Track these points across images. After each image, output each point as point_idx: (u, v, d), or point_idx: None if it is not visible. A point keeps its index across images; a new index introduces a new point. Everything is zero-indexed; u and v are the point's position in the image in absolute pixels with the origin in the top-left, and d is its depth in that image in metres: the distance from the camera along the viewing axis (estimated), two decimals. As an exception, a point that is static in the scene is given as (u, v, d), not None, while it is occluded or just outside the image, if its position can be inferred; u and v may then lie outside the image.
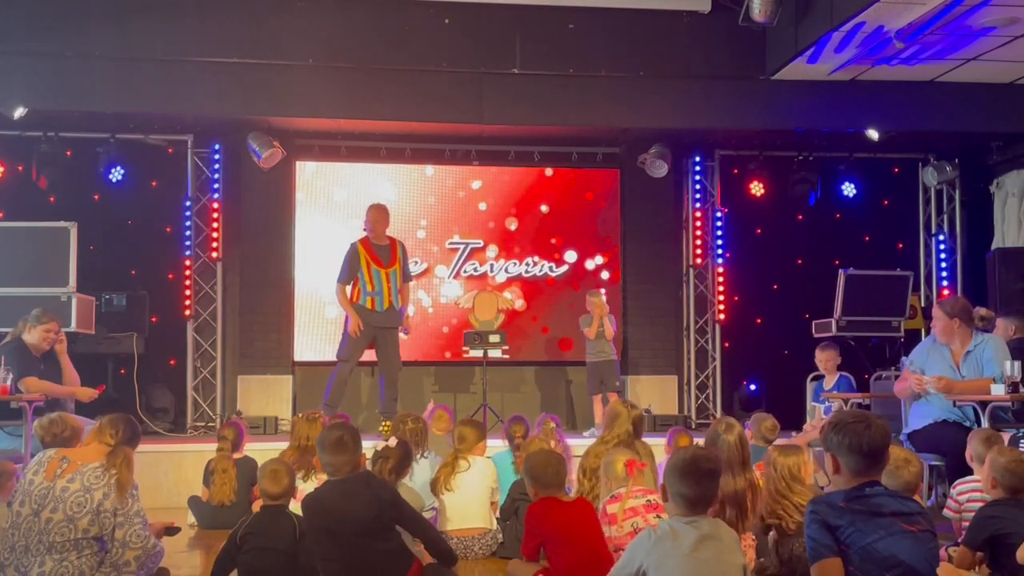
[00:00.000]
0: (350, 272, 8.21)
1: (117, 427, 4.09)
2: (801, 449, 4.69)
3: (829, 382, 8.28)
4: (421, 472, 5.80)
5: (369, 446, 4.68)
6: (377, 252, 8.23)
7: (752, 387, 10.41)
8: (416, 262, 10.01)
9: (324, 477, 4.91)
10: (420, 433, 5.97)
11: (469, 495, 5.36)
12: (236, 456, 6.33)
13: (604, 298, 9.01)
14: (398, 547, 4.00)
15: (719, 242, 10.39)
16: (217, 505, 6.14)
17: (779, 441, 6.63)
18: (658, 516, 4.27)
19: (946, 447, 6.03)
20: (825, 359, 8.32)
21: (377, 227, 8.29)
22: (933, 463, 6.44)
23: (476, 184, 10.20)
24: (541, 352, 10.22)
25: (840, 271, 9.23)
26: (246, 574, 4.09)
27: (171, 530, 4.43)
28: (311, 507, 3.96)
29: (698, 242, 10.30)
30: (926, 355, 6.48)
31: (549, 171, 10.29)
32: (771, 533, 4.42)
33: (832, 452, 3.12)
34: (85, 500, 3.81)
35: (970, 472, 4.92)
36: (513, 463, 5.76)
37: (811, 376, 8.71)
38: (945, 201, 10.78)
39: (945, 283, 10.61)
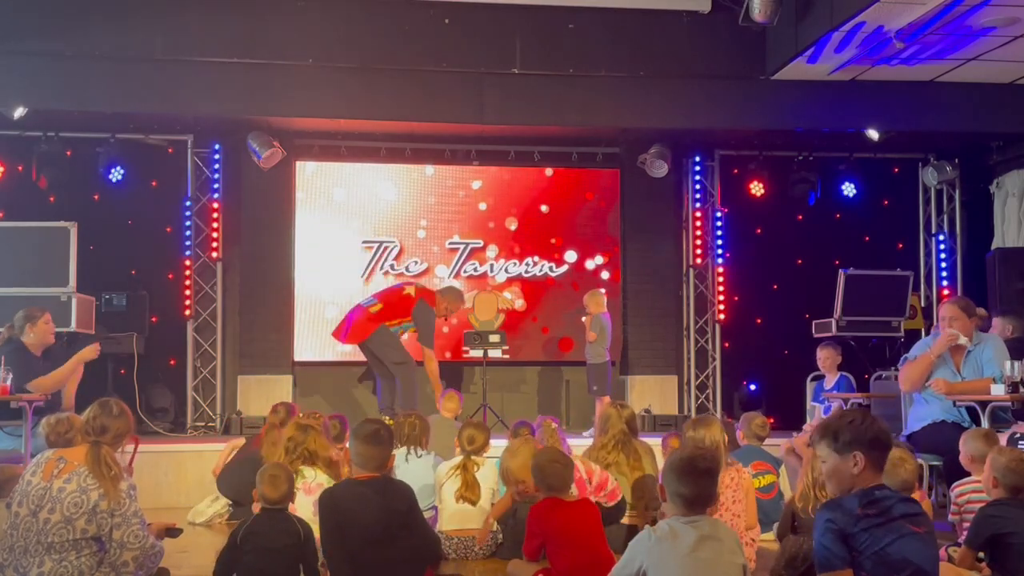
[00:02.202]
0: (432, 337, 8.53)
1: (88, 419, 3.99)
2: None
3: (830, 381, 8.28)
4: (421, 471, 5.80)
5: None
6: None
7: (752, 387, 10.41)
8: (416, 262, 10.04)
9: (324, 479, 4.95)
10: (421, 431, 5.98)
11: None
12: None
13: (602, 298, 8.98)
14: (408, 557, 3.99)
15: (719, 242, 10.38)
16: None
17: (779, 442, 6.65)
18: None
19: (944, 448, 6.02)
20: (825, 357, 8.32)
21: (452, 315, 8.96)
22: (933, 463, 6.43)
23: (476, 184, 10.20)
24: (541, 352, 10.22)
25: (840, 271, 9.23)
26: (247, 574, 4.08)
27: (172, 532, 4.40)
28: (326, 503, 3.98)
29: (698, 242, 10.30)
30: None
31: (549, 171, 10.29)
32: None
33: (860, 449, 3.10)
34: (82, 500, 3.79)
35: (968, 473, 4.91)
36: None
37: (811, 376, 8.71)
38: (945, 201, 10.78)
39: (945, 283, 10.60)
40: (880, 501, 3.07)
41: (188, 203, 9.72)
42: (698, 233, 10.30)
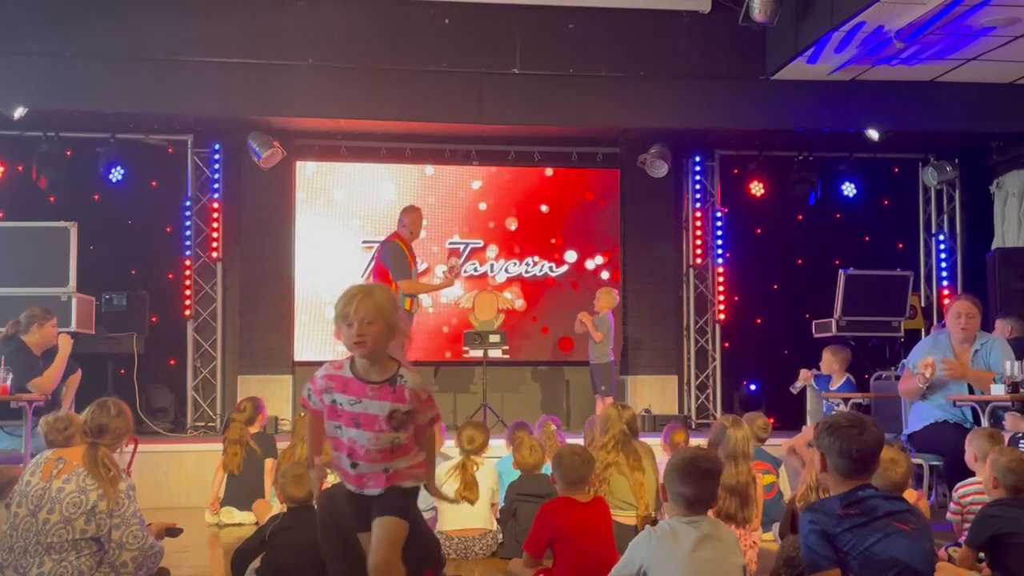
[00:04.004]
0: (407, 269, 7.91)
1: (86, 419, 3.99)
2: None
3: (835, 382, 8.25)
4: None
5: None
6: (412, 254, 8.11)
7: (752, 387, 10.40)
8: (416, 262, 10.02)
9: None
10: None
11: (470, 496, 5.36)
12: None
13: (614, 298, 8.96)
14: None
15: (719, 242, 10.39)
16: None
17: (779, 442, 6.66)
18: None
19: (945, 448, 6.02)
20: (824, 361, 8.29)
21: (419, 231, 8.22)
22: (933, 463, 6.43)
23: (476, 184, 10.20)
24: (541, 352, 10.22)
25: (840, 271, 9.23)
26: (271, 568, 4.09)
27: (172, 532, 4.40)
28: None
29: (698, 242, 10.30)
30: (927, 356, 6.44)
31: (549, 171, 10.29)
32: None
33: (823, 451, 3.14)
34: (81, 501, 3.79)
35: (969, 473, 4.91)
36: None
37: (812, 376, 8.68)
38: (945, 201, 10.78)
39: (945, 283, 10.60)
40: (863, 501, 3.06)
41: (188, 203, 9.72)
42: (698, 233, 10.30)
